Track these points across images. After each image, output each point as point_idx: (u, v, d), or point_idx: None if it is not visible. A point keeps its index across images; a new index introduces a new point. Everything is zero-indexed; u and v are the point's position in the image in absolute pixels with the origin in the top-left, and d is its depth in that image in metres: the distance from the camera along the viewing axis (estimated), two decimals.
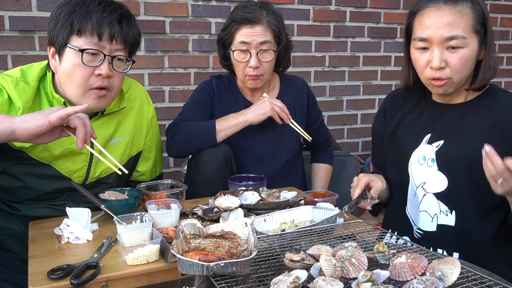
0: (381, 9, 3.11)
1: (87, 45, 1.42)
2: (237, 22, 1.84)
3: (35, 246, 1.26)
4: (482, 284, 0.92)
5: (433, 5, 1.34)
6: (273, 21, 1.86)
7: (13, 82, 1.43)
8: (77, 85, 1.45)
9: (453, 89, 1.38)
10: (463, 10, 1.31)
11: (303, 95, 2.05)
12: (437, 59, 1.32)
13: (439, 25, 1.31)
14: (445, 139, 1.42)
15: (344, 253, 1.00)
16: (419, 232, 1.48)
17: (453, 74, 1.34)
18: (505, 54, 3.51)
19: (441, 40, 1.32)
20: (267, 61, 1.87)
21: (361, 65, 3.14)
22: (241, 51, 1.85)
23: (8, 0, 2.26)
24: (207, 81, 2.03)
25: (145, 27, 2.52)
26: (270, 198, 1.50)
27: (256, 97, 2.00)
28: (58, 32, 1.43)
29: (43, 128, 1.24)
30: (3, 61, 2.29)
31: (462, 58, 1.32)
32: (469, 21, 1.31)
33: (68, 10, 1.42)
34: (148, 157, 1.78)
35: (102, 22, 1.42)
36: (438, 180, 1.42)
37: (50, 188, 1.53)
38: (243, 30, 1.83)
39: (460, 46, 1.31)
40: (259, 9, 1.85)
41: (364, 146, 3.25)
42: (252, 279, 0.98)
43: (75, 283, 1.03)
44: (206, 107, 1.95)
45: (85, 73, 1.44)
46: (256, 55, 1.84)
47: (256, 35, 1.82)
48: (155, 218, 1.32)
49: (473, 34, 1.32)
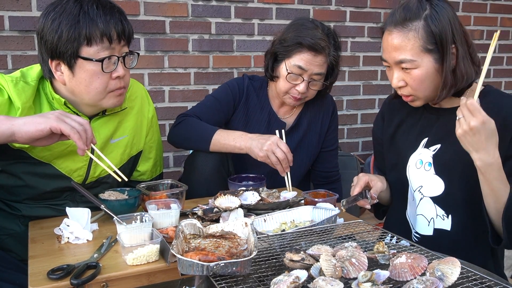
0: (381, 9, 3.11)
1: (101, 53, 1.42)
2: (301, 45, 1.78)
3: (35, 246, 1.26)
4: (482, 284, 0.92)
5: (387, 28, 1.38)
6: (335, 54, 1.83)
7: (12, 82, 1.43)
8: (98, 92, 1.46)
9: (422, 102, 1.43)
10: (409, 34, 1.32)
11: (328, 115, 2.03)
12: (395, 79, 1.39)
13: (390, 48, 1.36)
14: (442, 143, 1.43)
15: (344, 253, 1.00)
16: (416, 236, 1.48)
17: (414, 91, 1.38)
18: (505, 54, 3.51)
19: (394, 62, 1.37)
20: (314, 89, 1.86)
21: (361, 65, 3.14)
22: (294, 74, 1.82)
23: (8, 0, 2.26)
24: (239, 78, 2.01)
25: (145, 27, 2.52)
26: (270, 198, 1.50)
27: (282, 110, 1.99)
28: (65, 45, 1.39)
29: (43, 133, 1.25)
30: (3, 61, 2.29)
31: (416, 78, 1.35)
32: (416, 43, 1.32)
33: (69, 22, 1.38)
34: (149, 157, 1.78)
35: (108, 26, 1.41)
36: (434, 184, 1.42)
37: (50, 187, 1.53)
38: (304, 55, 1.79)
39: (411, 67, 1.34)
40: (325, 36, 1.79)
41: (364, 146, 3.25)
42: (252, 279, 0.98)
43: (75, 283, 1.03)
44: (225, 106, 1.92)
45: (104, 80, 1.45)
46: (307, 82, 1.82)
47: (315, 65, 1.79)
48: (155, 218, 1.32)
49: (425, 53, 1.33)
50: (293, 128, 1.99)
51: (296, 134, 1.99)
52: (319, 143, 2.03)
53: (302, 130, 2.00)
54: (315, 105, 2.01)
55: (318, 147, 2.04)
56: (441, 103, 1.45)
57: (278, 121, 1.98)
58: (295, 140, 1.97)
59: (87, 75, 1.43)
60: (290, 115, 2.00)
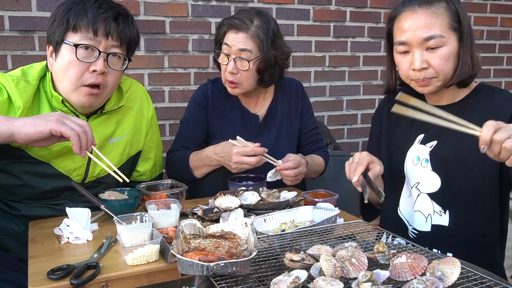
0: (381, 9, 3.11)
1: (82, 41, 1.43)
2: (225, 25, 1.84)
3: (35, 246, 1.26)
4: (482, 284, 0.92)
5: (409, 9, 1.37)
6: (260, 32, 1.80)
7: (14, 81, 1.43)
8: (70, 81, 1.45)
9: (439, 87, 1.41)
10: (438, 11, 1.35)
11: (298, 97, 2.05)
12: (418, 60, 1.36)
13: (416, 27, 1.35)
14: (438, 140, 1.45)
15: (344, 253, 1.00)
16: (414, 232, 1.49)
17: (437, 73, 1.37)
18: (505, 54, 3.51)
19: (420, 41, 1.35)
20: (244, 69, 1.82)
21: (361, 65, 3.14)
22: (224, 54, 1.84)
23: (8, 0, 2.25)
24: (203, 85, 2.03)
25: (145, 27, 2.52)
26: (270, 198, 1.50)
27: (251, 104, 2.01)
28: (55, 29, 1.44)
29: (43, 135, 1.25)
30: (3, 61, 2.29)
31: (442, 56, 1.35)
32: (445, 20, 1.35)
33: (64, 8, 1.44)
34: (148, 157, 1.78)
35: (98, 18, 1.43)
36: (431, 180, 1.44)
37: (49, 186, 1.53)
38: (228, 34, 1.83)
39: (439, 45, 1.34)
40: (251, 16, 1.82)
41: (364, 146, 3.25)
42: (252, 279, 0.98)
43: (75, 283, 1.03)
44: (200, 120, 1.96)
45: (79, 69, 1.44)
46: (233, 60, 1.82)
47: (238, 41, 1.80)
48: (155, 218, 1.32)
49: (451, 32, 1.36)
50: (268, 118, 2.00)
51: (273, 125, 2.01)
52: (297, 127, 2.04)
53: (278, 119, 2.01)
54: (283, 92, 2.04)
55: (297, 131, 2.05)
56: (439, 99, 1.47)
57: (251, 115, 1.99)
58: (273, 131, 1.99)
59: (64, 61, 1.44)
60: (261, 107, 2.02)
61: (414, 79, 1.41)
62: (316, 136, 2.09)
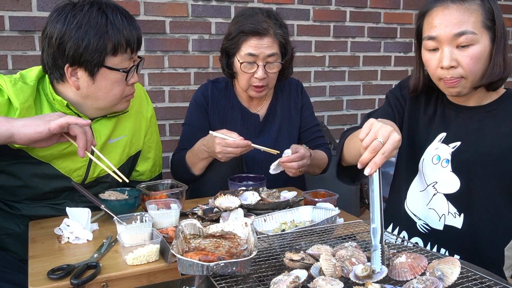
0: (381, 9, 3.11)
1: (124, 63, 1.47)
2: (244, 33, 1.81)
3: (35, 246, 1.26)
4: (482, 284, 0.92)
5: (441, 5, 1.32)
6: (280, 32, 1.84)
7: (11, 82, 1.43)
8: (115, 99, 1.52)
9: (468, 89, 1.34)
10: (471, 7, 1.29)
11: (297, 96, 2.06)
12: (447, 58, 1.29)
13: (447, 23, 1.29)
14: (462, 141, 1.39)
15: (344, 253, 1.00)
16: (426, 228, 1.45)
17: (466, 73, 1.30)
18: None
19: (450, 38, 1.29)
20: (273, 72, 1.87)
21: (361, 65, 3.14)
22: (248, 63, 1.83)
23: (8, 0, 2.25)
24: (203, 86, 2.04)
25: (145, 27, 2.51)
26: (270, 198, 1.50)
27: (253, 104, 2.01)
28: (91, 54, 1.40)
29: (42, 135, 1.25)
30: (3, 61, 2.29)
31: (473, 56, 1.28)
32: (478, 17, 1.28)
33: (98, 32, 1.40)
34: (147, 157, 1.79)
35: (131, 36, 1.46)
36: (450, 181, 1.39)
37: (50, 187, 1.53)
38: (251, 42, 1.81)
39: (470, 43, 1.28)
40: (266, 18, 1.82)
41: None
42: (252, 279, 0.98)
43: (75, 283, 1.03)
44: (203, 121, 1.97)
45: (123, 87, 1.51)
46: (263, 67, 1.83)
47: (264, 47, 1.80)
48: (155, 218, 1.32)
49: (484, 30, 1.29)
50: (268, 118, 2.02)
51: (273, 124, 2.02)
52: (298, 125, 2.05)
53: (278, 118, 2.02)
54: (283, 91, 2.05)
55: (298, 129, 2.06)
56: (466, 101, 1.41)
57: (251, 115, 2.00)
58: (274, 130, 2.01)
59: (108, 83, 1.47)
60: (261, 106, 2.03)
61: (441, 78, 1.34)
62: (317, 133, 2.09)
